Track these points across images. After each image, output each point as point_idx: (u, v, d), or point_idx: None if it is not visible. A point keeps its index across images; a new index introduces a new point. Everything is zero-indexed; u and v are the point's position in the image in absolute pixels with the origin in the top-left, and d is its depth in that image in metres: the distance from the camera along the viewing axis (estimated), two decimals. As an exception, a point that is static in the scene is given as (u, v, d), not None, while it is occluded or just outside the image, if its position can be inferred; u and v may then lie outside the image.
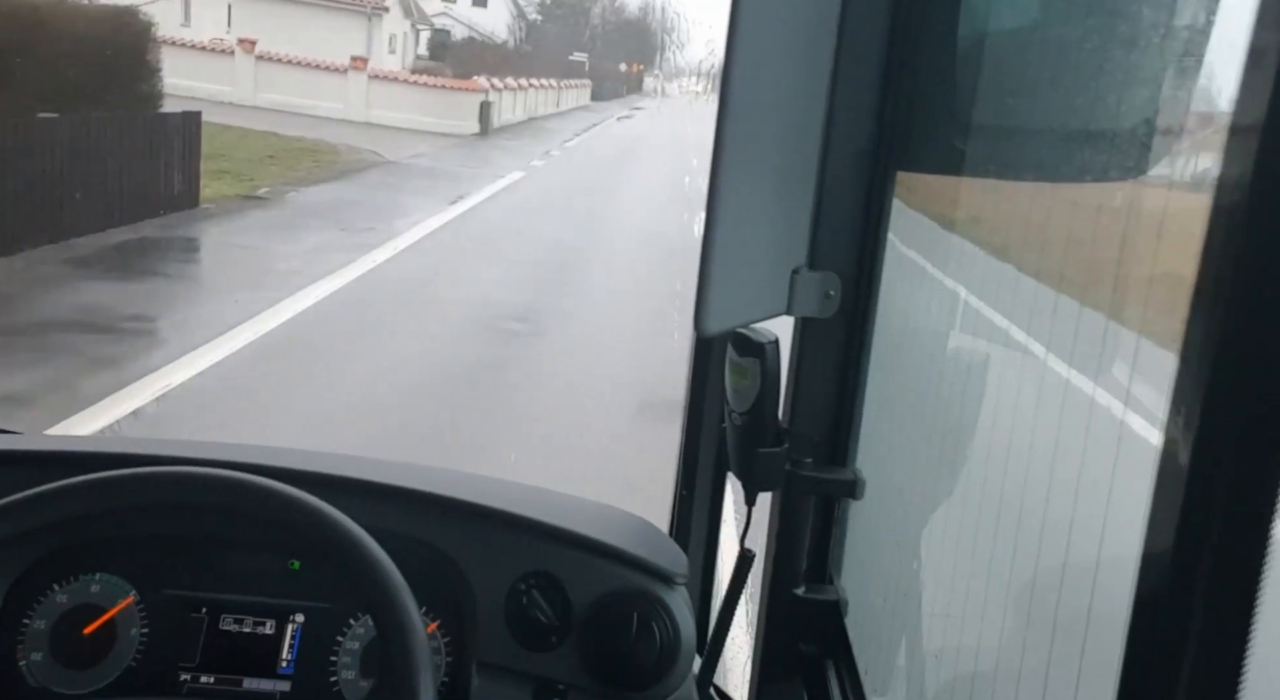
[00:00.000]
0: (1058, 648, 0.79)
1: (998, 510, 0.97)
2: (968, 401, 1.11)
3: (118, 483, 0.88)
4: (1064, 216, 0.98)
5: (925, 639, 1.21)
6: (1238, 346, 0.49)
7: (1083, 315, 0.85)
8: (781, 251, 1.03)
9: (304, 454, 1.15)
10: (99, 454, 1.09)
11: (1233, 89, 0.51)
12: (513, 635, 1.05)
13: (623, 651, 1.03)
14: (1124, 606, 0.56)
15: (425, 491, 1.10)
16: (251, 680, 1.06)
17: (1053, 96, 0.93)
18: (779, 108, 0.96)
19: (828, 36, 1.00)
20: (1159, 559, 0.53)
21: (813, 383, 1.13)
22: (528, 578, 1.06)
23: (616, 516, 1.18)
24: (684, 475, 1.39)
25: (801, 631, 1.19)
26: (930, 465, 1.18)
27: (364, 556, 0.85)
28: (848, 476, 1.14)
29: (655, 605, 1.05)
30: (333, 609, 1.08)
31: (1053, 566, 0.82)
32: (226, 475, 0.88)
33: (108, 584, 1.07)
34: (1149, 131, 0.75)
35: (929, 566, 1.20)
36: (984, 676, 1.02)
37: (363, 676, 1.06)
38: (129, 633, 1.06)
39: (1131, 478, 0.64)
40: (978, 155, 1.01)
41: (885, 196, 1.07)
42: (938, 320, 1.23)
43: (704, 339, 1.31)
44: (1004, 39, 1.00)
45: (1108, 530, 0.72)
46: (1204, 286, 0.52)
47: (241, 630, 1.07)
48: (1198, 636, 0.52)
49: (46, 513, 0.87)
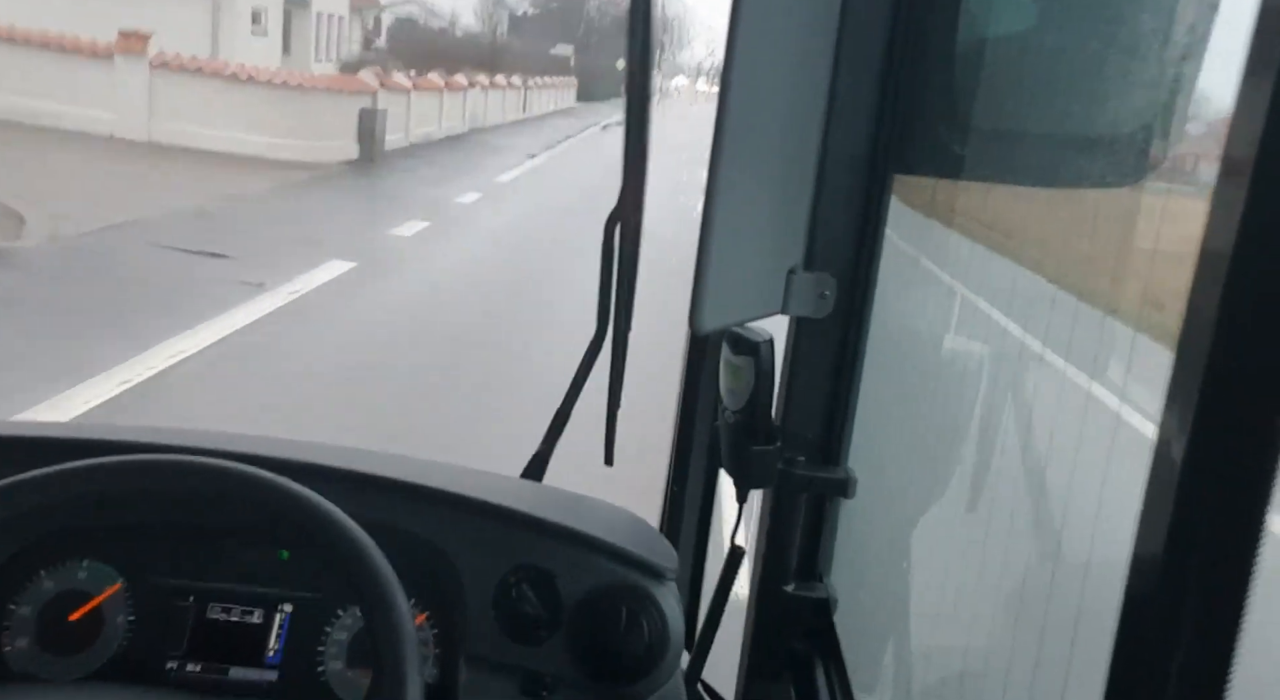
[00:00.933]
0: (1046, 647, 0.80)
1: (989, 511, 0.98)
2: (960, 403, 1.11)
3: (106, 469, 0.88)
4: (1060, 220, 0.98)
5: (914, 638, 1.21)
6: (1232, 350, 0.50)
7: (1077, 318, 0.85)
8: (778, 251, 1.03)
9: (295, 444, 1.15)
10: (80, 441, 1.08)
11: (1231, 95, 0.52)
12: (501, 628, 1.05)
13: (611, 646, 1.04)
14: (1113, 607, 0.57)
15: (416, 484, 1.10)
16: (238, 669, 1.06)
17: (1051, 101, 0.93)
18: (778, 108, 0.96)
19: (827, 38, 1.00)
20: (1150, 559, 0.54)
21: (806, 382, 1.13)
22: (517, 571, 1.06)
23: (607, 511, 1.18)
24: (676, 471, 1.39)
25: (790, 628, 1.19)
26: (922, 465, 1.18)
27: (353, 547, 0.85)
28: (840, 475, 1.14)
29: (644, 600, 1.05)
30: (321, 599, 1.08)
31: (1042, 567, 0.83)
32: (216, 463, 0.88)
33: (95, 571, 1.07)
34: (1147, 137, 0.76)
35: (919, 566, 1.21)
36: (972, 675, 1.02)
37: (350, 667, 1.06)
38: (116, 620, 1.06)
39: (1123, 479, 0.64)
40: (975, 159, 1.02)
41: (882, 198, 1.08)
42: (931, 322, 1.24)
43: (698, 337, 1.32)
44: (1003, 43, 1.01)
45: (1098, 531, 0.72)
46: (1200, 293, 0.52)
47: (229, 619, 1.07)
48: (1186, 636, 0.52)
49: (30, 499, 0.87)
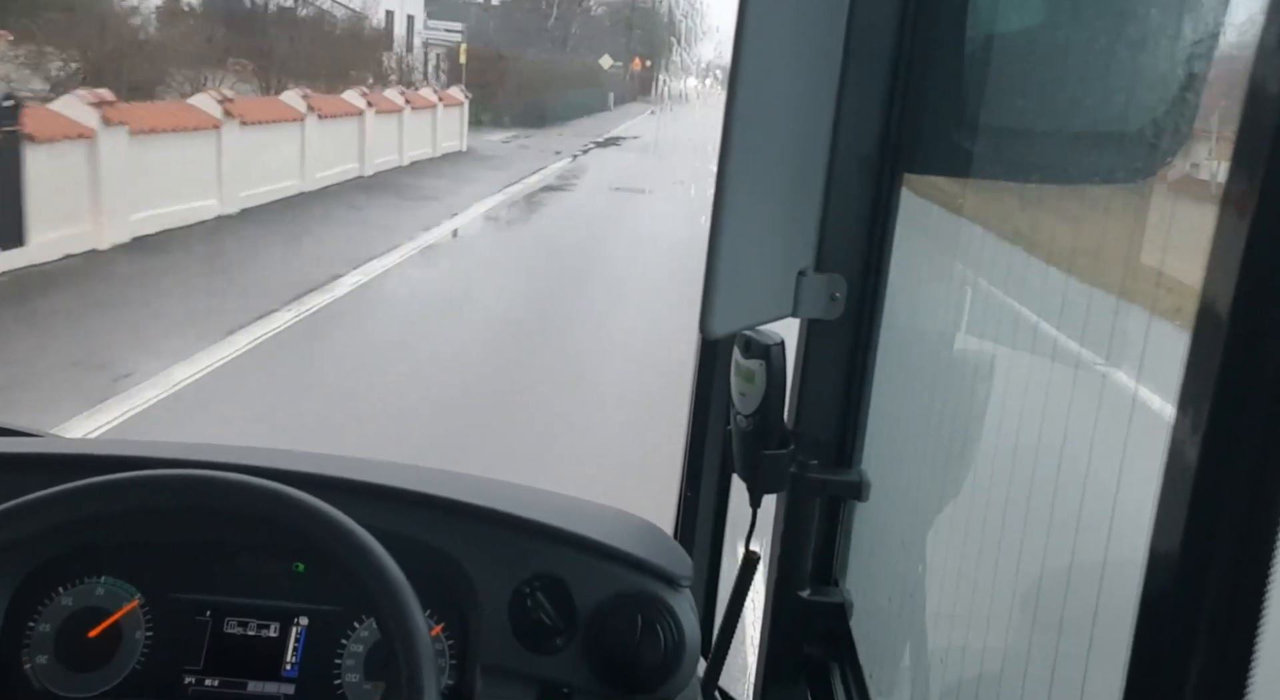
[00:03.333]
0: (1064, 649, 0.79)
1: (1003, 513, 0.97)
2: (973, 404, 1.10)
3: (123, 486, 0.88)
4: (1071, 218, 0.98)
5: (931, 641, 1.20)
6: (1247, 346, 0.49)
7: (1090, 318, 0.84)
8: (787, 254, 1.02)
9: (310, 457, 1.15)
10: (113, 457, 1.09)
11: (1241, 90, 0.51)
12: (517, 638, 1.05)
13: (627, 654, 1.03)
14: (1131, 608, 0.56)
15: (430, 494, 1.10)
16: (256, 683, 1.06)
17: (1060, 98, 0.93)
18: (786, 109, 0.95)
19: (836, 38, 1.00)
20: (1166, 559, 0.53)
21: (818, 385, 1.13)
22: (532, 580, 1.06)
23: (621, 519, 1.18)
24: (689, 477, 1.39)
25: (806, 634, 1.18)
26: (936, 467, 1.17)
27: (369, 560, 0.85)
28: (853, 478, 1.14)
29: (660, 608, 1.04)
30: (337, 612, 1.08)
31: (1059, 568, 0.82)
32: (233, 478, 0.88)
33: (112, 587, 1.07)
34: (1157, 133, 0.75)
35: (934, 568, 1.20)
36: (990, 678, 1.01)
37: (367, 679, 1.06)
38: (134, 636, 1.06)
39: (1139, 479, 0.64)
40: (985, 157, 1.01)
41: (892, 198, 1.07)
42: (943, 322, 1.23)
43: (709, 341, 1.31)
44: (1011, 41, 1.00)
45: (1114, 532, 0.71)
46: (1212, 290, 0.51)
47: (246, 633, 1.07)
48: (1206, 634, 0.51)
49: (49, 517, 0.87)
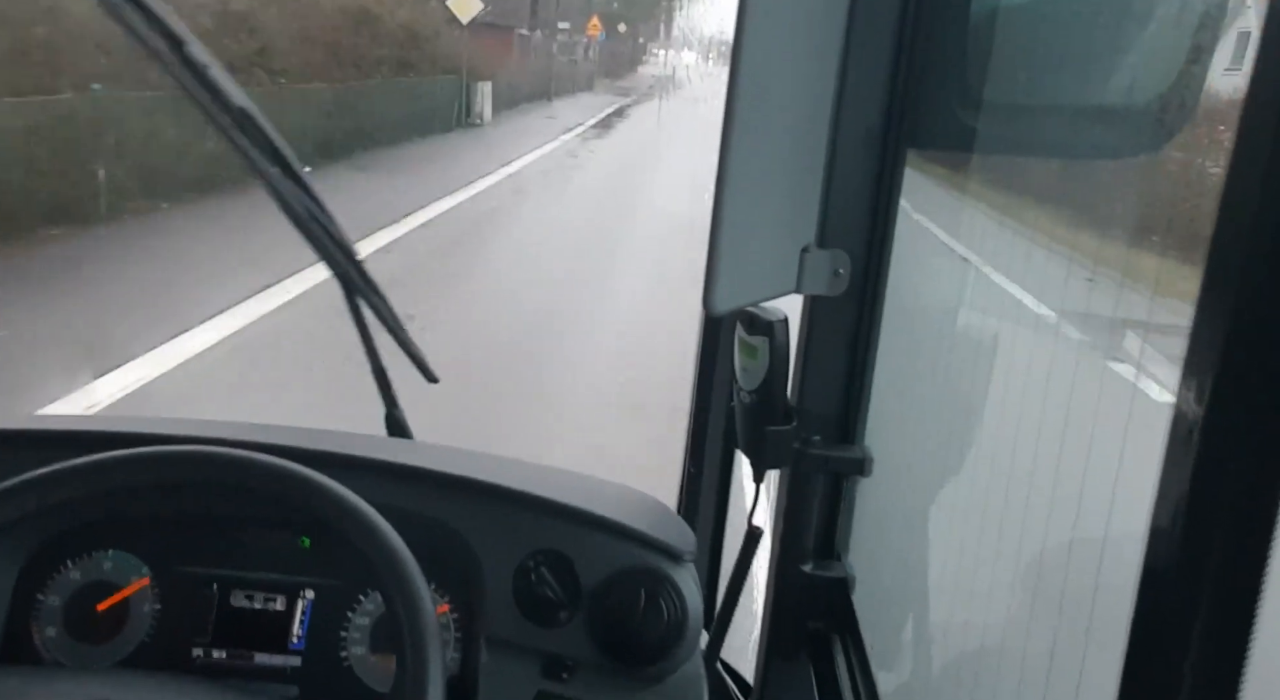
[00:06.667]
0: (1064, 623, 0.79)
1: (1005, 488, 0.97)
2: (976, 379, 1.11)
3: (132, 461, 0.89)
4: (1075, 193, 0.97)
5: (932, 615, 1.21)
6: (1251, 324, 0.49)
7: (1094, 292, 0.84)
8: (791, 230, 1.02)
9: (314, 433, 1.16)
10: (104, 433, 1.09)
11: (1248, 64, 0.51)
12: (522, 612, 1.06)
13: (631, 628, 1.04)
14: (1131, 582, 0.56)
15: (435, 470, 1.10)
16: (263, 655, 1.07)
17: (1065, 73, 0.92)
18: (789, 84, 0.95)
19: (839, 11, 0.99)
20: (1167, 533, 0.53)
21: (822, 361, 1.13)
22: (536, 555, 1.07)
23: (625, 494, 1.18)
24: (692, 453, 1.39)
25: (809, 608, 1.19)
26: (939, 443, 1.18)
27: (374, 534, 0.86)
28: (856, 454, 1.14)
29: (663, 582, 1.05)
30: (343, 586, 1.09)
31: (1060, 543, 0.83)
32: (238, 454, 0.89)
33: (120, 561, 1.08)
34: (1163, 107, 0.75)
35: (936, 544, 1.20)
36: (990, 652, 1.02)
37: (372, 652, 1.07)
38: (142, 609, 1.07)
39: (1141, 454, 0.64)
40: (989, 132, 1.00)
41: (895, 174, 1.06)
42: (947, 298, 1.23)
43: (713, 318, 1.31)
44: (1016, 15, 0.99)
45: (1116, 507, 0.72)
46: (1217, 263, 0.51)
47: (253, 606, 1.08)
48: (1205, 610, 0.52)
49: (63, 490, 0.88)
